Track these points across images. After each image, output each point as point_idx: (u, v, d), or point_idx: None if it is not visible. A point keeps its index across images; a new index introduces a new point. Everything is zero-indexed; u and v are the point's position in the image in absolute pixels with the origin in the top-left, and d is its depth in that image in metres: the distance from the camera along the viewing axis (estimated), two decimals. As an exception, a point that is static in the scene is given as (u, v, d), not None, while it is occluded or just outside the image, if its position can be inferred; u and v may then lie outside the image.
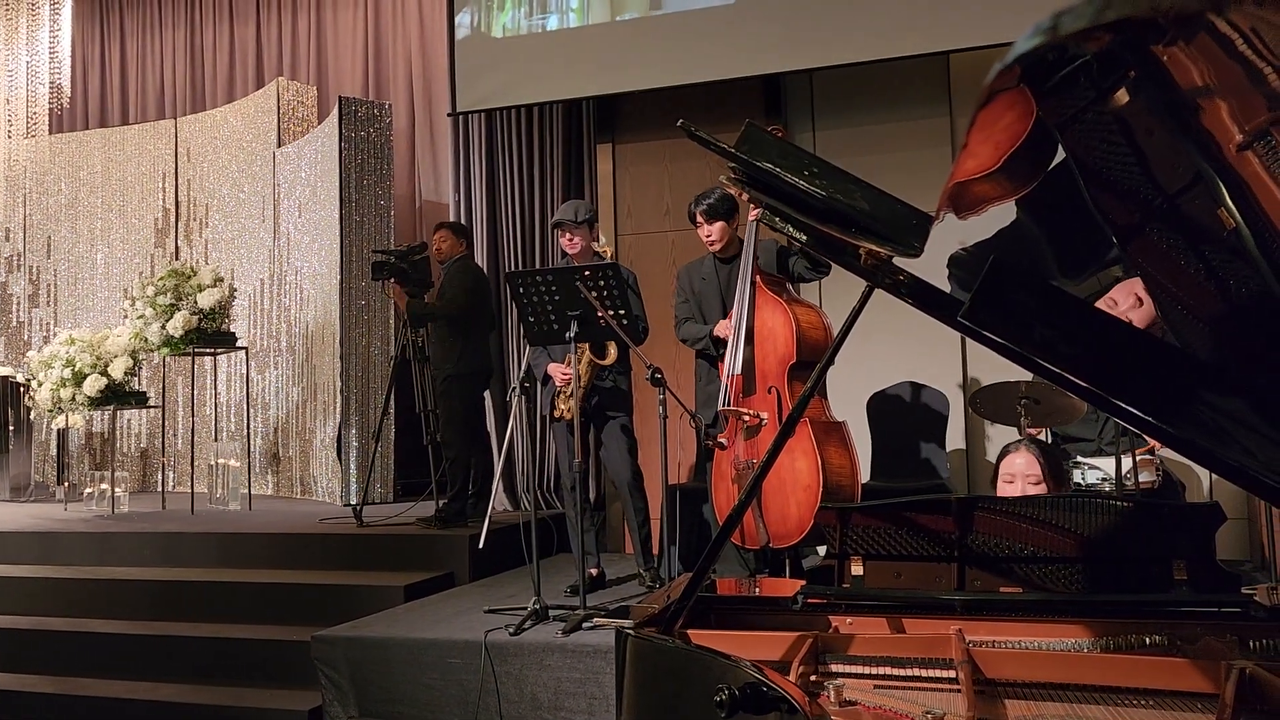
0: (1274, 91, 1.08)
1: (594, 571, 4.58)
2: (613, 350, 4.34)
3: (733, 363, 4.00)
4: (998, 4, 5.10)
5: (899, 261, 1.49)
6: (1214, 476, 4.51)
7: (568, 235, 4.51)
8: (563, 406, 4.43)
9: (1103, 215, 1.37)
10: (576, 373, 4.12)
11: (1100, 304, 3.35)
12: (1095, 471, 3.91)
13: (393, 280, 5.44)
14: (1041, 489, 2.60)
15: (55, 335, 7.09)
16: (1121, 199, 1.35)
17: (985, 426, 5.55)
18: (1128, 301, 3.44)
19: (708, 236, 4.32)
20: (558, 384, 4.45)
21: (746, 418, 3.92)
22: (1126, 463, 3.72)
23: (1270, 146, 1.14)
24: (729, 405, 3.99)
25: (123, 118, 8.94)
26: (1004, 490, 2.65)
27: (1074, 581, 1.76)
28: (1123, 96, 1.22)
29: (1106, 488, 3.79)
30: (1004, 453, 2.73)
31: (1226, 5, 0.90)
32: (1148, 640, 1.64)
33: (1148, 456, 3.87)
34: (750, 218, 4.09)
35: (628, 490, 4.49)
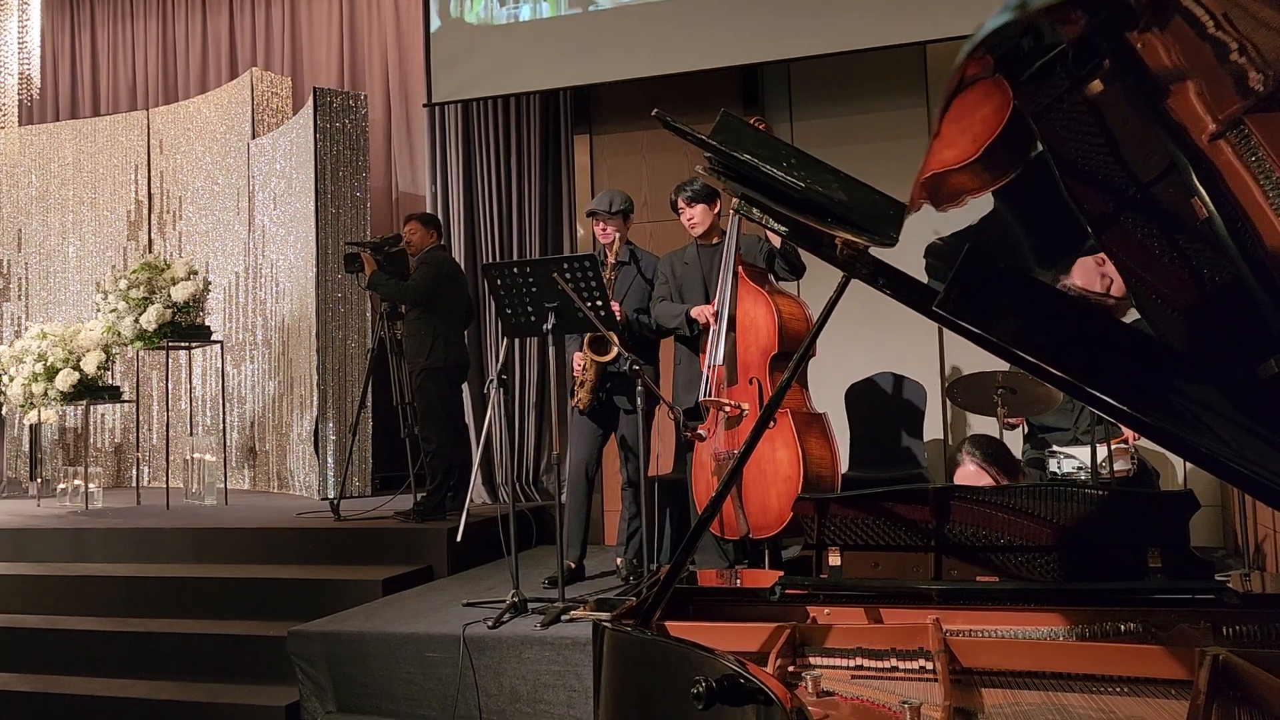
0: (1247, 81, 1.08)
1: (572, 564, 4.58)
2: (614, 348, 4.34)
3: (714, 353, 4.00)
4: (974, -5, 5.11)
5: (877, 252, 1.49)
6: (1188, 464, 4.55)
7: (601, 224, 4.54)
8: (580, 394, 4.47)
9: (1077, 204, 1.37)
10: (583, 366, 4.15)
11: (1084, 276, 3.33)
12: (1071, 460, 3.94)
13: (368, 251, 5.42)
14: None
15: (26, 329, 7.00)
16: (1096, 188, 1.35)
17: (963, 416, 5.58)
18: (1102, 283, 3.42)
19: (690, 220, 4.33)
20: (574, 373, 4.50)
21: (727, 408, 3.92)
22: (1102, 451, 3.75)
23: (1243, 136, 1.14)
24: (710, 395, 3.99)
25: (94, 109, 8.83)
26: None
27: (1050, 570, 1.76)
28: (1097, 85, 1.22)
29: (1082, 476, 3.82)
30: (955, 462, 2.76)
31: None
32: (1123, 628, 1.65)
33: (1122, 445, 3.90)
34: (732, 207, 4.10)
35: (627, 482, 4.54)
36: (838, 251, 1.46)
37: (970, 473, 2.67)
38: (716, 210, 4.33)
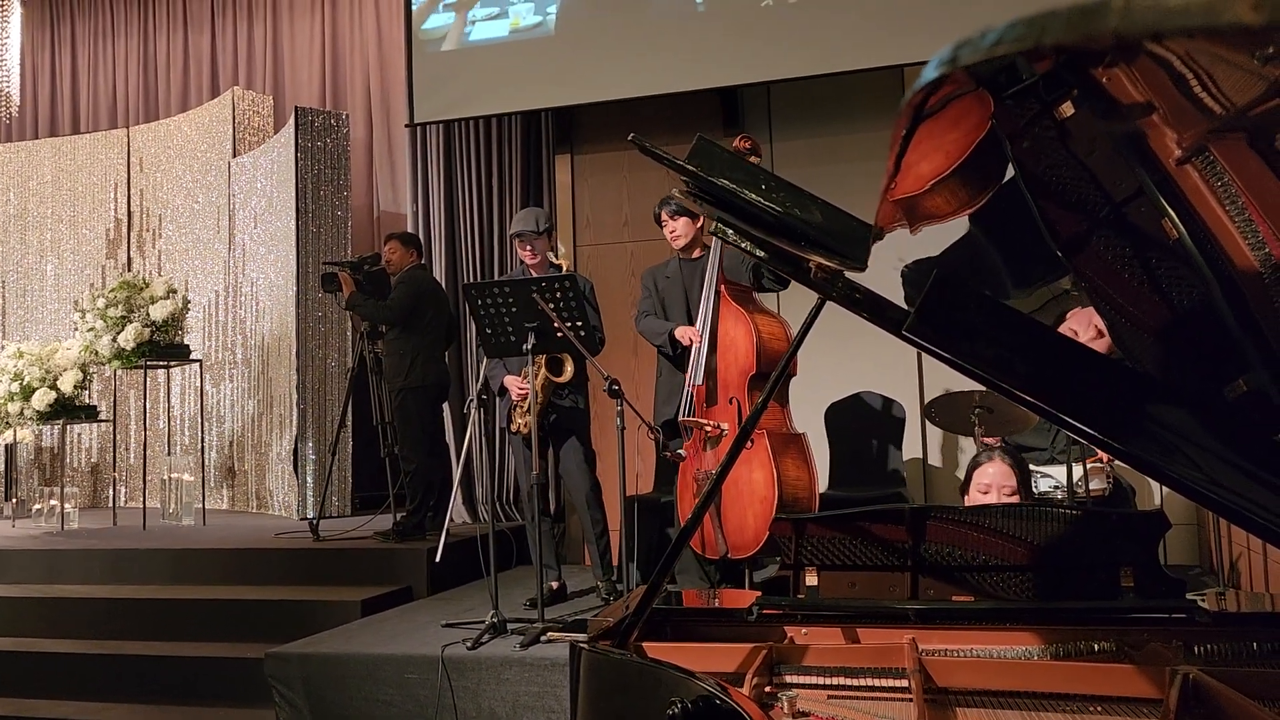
0: (1210, 109, 1.10)
1: (554, 585, 4.56)
2: (569, 368, 4.33)
3: (695, 373, 4.02)
4: (949, 21, 5.18)
5: (854, 275, 1.50)
6: (1164, 483, 4.59)
7: (528, 247, 4.50)
8: (519, 420, 4.41)
9: (1049, 227, 1.39)
10: (534, 389, 4.09)
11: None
12: (1048, 480, 3.97)
13: (346, 270, 5.39)
14: (1014, 500, 2.63)
15: (3, 348, 6.94)
16: (1068, 209, 1.37)
17: (941, 436, 5.61)
18: (1089, 333, 3.47)
19: (672, 233, 4.34)
20: (514, 398, 4.44)
21: (709, 429, 3.93)
22: (1078, 471, 3.77)
23: (1208, 161, 1.16)
24: (691, 415, 4.00)
25: (73, 127, 8.80)
26: (977, 500, 2.67)
27: (1024, 589, 1.78)
28: (1067, 110, 1.25)
29: (1059, 495, 3.84)
30: (976, 462, 2.75)
31: (1112, 47, 0.91)
32: (1096, 646, 1.66)
33: (1098, 465, 3.93)
34: (709, 230, 4.12)
35: (585, 503, 4.49)
36: (811, 275, 1.48)
37: (991, 472, 2.66)
38: (699, 224, 4.35)
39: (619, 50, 5.90)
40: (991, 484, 2.65)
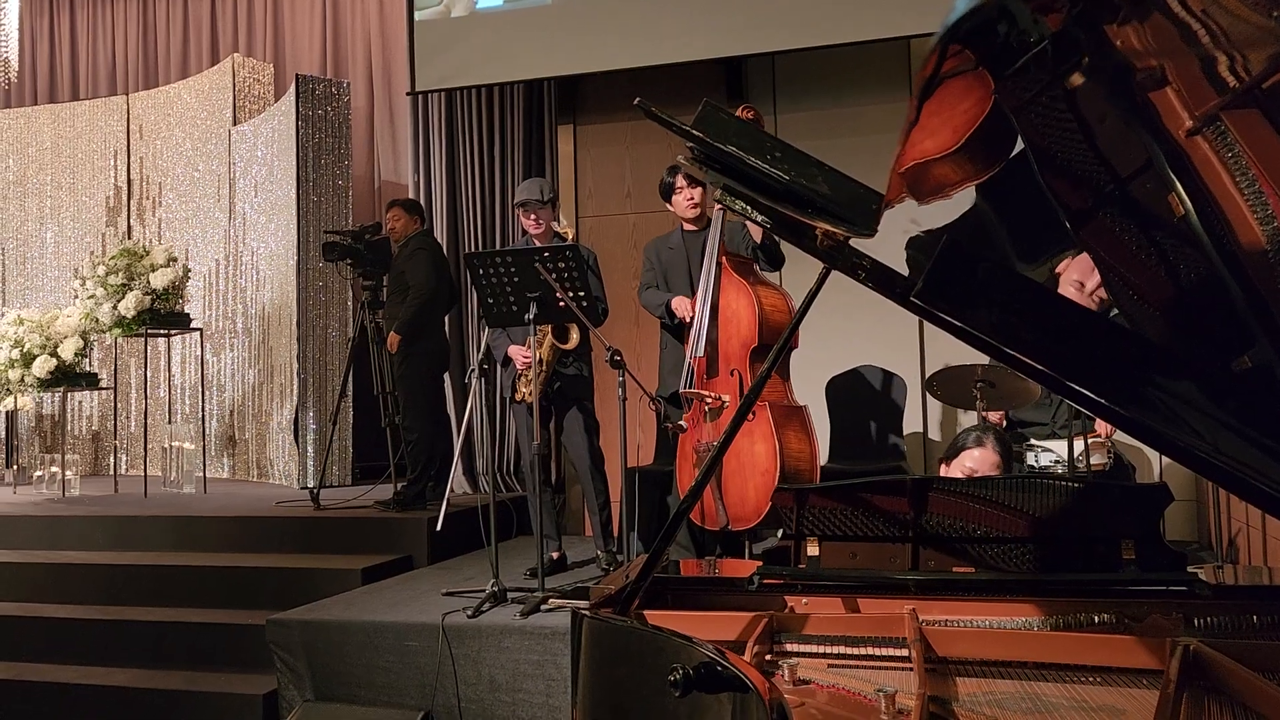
0: (1223, 78, 1.09)
1: (555, 555, 4.58)
2: (575, 335, 4.32)
3: (696, 344, 4.00)
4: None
5: (860, 245, 1.49)
6: (1164, 459, 4.60)
7: (533, 216, 4.48)
8: (524, 389, 4.41)
9: (1056, 199, 1.38)
10: (538, 356, 4.08)
11: (1068, 285, 3.36)
12: (1048, 454, 3.97)
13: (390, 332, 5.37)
14: None
15: (3, 315, 6.93)
16: (1074, 183, 1.36)
17: (942, 409, 5.62)
18: (1094, 280, 3.43)
19: (689, 200, 4.30)
20: (518, 367, 4.43)
21: (709, 400, 3.93)
22: (1079, 445, 3.77)
23: (1219, 132, 1.15)
24: (691, 387, 3.99)
25: (73, 93, 8.74)
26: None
27: (1025, 561, 1.78)
28: (1077, 80, 1.23)
29: (1059, 470, 3.84)
30: (963, 444, 2.75)
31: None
32: (1096, 618, 1.66)
33: (1099, 440, 3.93)
34: (714, 198, 4.09)
35: (588, 473, 4.49)
36: (818, 242, 1.47)
37: (976, 455, 2.67)
38: (712, 194, 4.32)
39: (622, 19, 5.85)
40: (976, 469, 2.66)
